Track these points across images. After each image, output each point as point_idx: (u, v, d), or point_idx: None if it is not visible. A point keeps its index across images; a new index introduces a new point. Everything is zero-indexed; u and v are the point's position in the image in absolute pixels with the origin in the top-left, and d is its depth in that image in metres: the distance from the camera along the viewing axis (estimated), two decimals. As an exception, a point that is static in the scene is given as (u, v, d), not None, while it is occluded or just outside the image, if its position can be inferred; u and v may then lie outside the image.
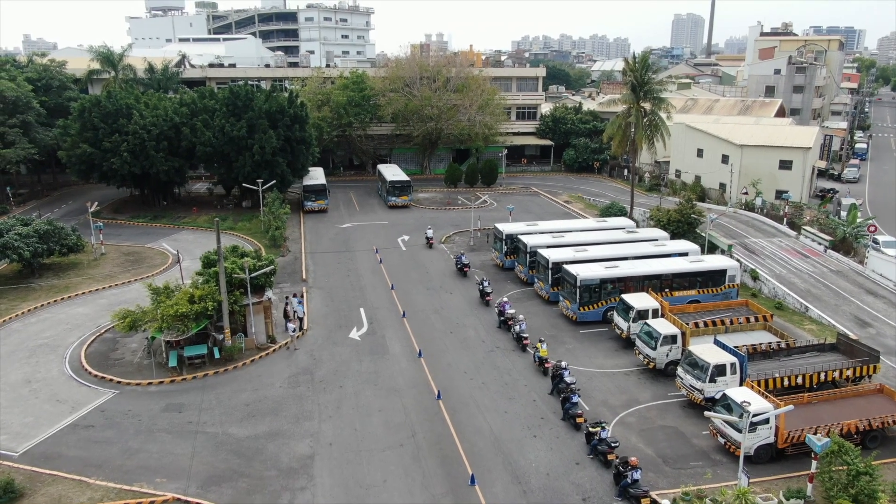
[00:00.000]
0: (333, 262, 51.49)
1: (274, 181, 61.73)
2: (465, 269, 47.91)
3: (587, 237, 47.78)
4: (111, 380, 32.63)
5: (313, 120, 72.85)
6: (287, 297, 41.21)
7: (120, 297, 43.38)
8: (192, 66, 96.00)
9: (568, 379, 30.63)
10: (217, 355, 34.50)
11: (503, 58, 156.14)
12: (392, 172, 73.19)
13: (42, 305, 42.35)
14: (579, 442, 27.54)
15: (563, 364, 31.66)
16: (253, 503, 23.81)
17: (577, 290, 38.82)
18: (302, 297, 41.89)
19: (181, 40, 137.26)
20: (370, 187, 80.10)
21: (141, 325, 33.43)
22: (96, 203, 59.49)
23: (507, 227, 49.93)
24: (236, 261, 35.99)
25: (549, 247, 44.71)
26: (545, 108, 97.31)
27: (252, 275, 35.24)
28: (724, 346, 30.88)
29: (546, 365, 33.43)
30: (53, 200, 73.15)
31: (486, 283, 43.35)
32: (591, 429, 26.90)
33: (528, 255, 45.50)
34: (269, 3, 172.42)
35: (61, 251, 48.23)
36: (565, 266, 40.58)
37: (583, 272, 39.25)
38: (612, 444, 25.98)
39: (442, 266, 50.53)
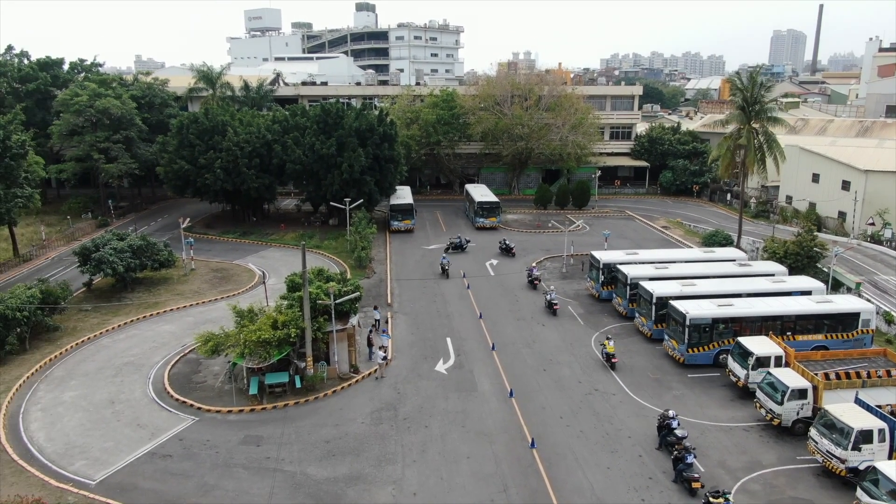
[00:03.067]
0: (419, 287, 49.57)
1: (361, 200, 60.83)
2: (536, 282, 45.47)
3: (693, 269, 43.78)
4: (192, 405, 31.62)
5: (402, 138, 71.86)
6: (372, 326, 39.51)
7: (206, 314, 42.96)
8: (286, 84, 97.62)
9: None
10: (298, 384, 32.99)
11: (595, 76, 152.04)
12: (480, 193, 71.07)
13: (132, 321, 42.42)
14: (695, 510, 24.07)
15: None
16: (330, 558, 21.73)
17: (686, 330, 35.13)
18: (387, 324, 39.95)
19: (276, 59, 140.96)
20: (457, 207, 78.23)
21: (223, 350, 32.37)
22: (188, 219, 60.25)
23: (604, 256, 46.59)
24: (321, 285, 34.49)
25: (651, 279, 41.15)
26: (640, 127, 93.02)
27: (337, 301, 33.65)
28: (867, 406, 26.60)
29: (613, 360, 34.92)
30: (150, 214, 75.19)
31: (553, 294, 43.20)
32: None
33: (628, 287, 42.05)
34: (361, 23, 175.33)
35: (153, 266, 48.61)
36: (672, 302, 36.96)
37: (693, 310, 35.53)
38: None
39: (532, 295, 47.65)
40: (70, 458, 27.50)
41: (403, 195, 69.70)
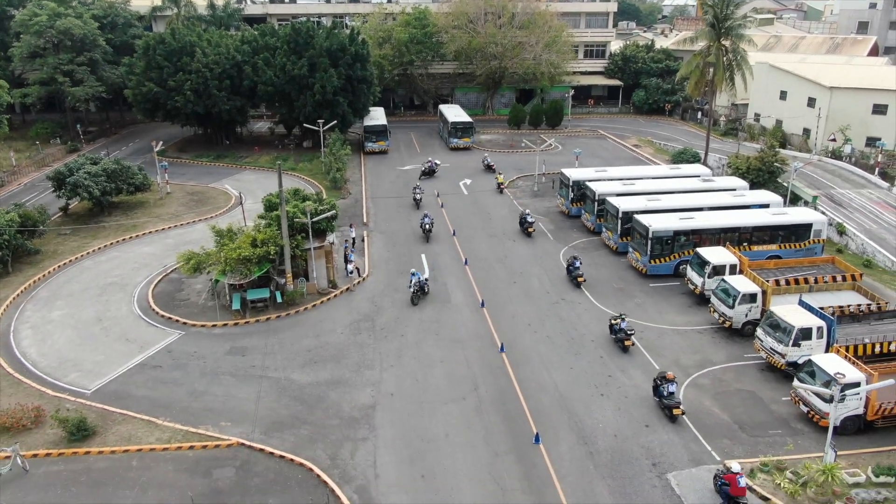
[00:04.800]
0: (394, 206, 50.66)
1: (335, 121, 60.82)
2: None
3: (659, 185, 45.29)
4: (177, 321, 33.01)
5: (375, 58, 71.07)
6: (346, 241, 40.73)
7: (185, 236, 43.80)
8: (254, 2, 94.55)
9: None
10: (279, 299, 34.45)
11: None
12: (454, 113, 71.19)
13: (112, 244, 43.17)
14: (649, 403, 26.36)
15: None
16: (314, 451, 23.72)
17: (649, 242, 36.92)
18: (354, 245, 40.96)
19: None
20: (431, 128, 78.33)
21: (205, 268, 33.51)
22: (161, 142, 59.96)
23: (574, 173, 47.87)
24: (298, 205, 35.49)
25: (618, 195, 42.63)
26: (615, 45, 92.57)
27: (314, 219, 34.73)
28: (809, 308, 28.81)
29: (503, 187, 47.22)
30: (121, 139, 74.34)
31: (528, 215, 44.42)
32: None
33: (595, 203, 43.57)
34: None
35: (129, 190, 48.90)
36: (636, 216, 38.57)
37: (655, 223, 37.21)
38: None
39: (505, 212, 49.06)
40: (64, 370, 28.95)
41: (377, 116, 69.64)
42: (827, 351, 27.23)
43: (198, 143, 70.34)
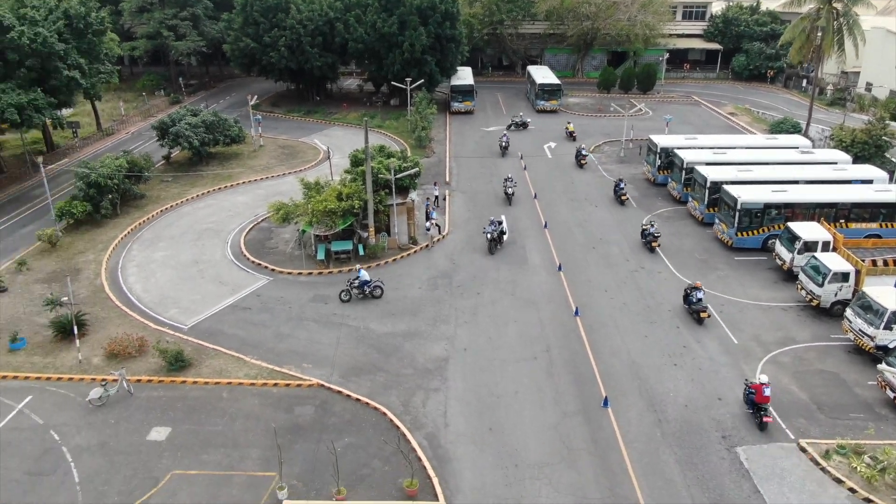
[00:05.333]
0: (477, 167, 50.93)
1: (422, 80, 61.23)
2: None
3: (753, 156, 43.48)
4: (266, 267, 34.83)
5: (464, 17, 70.68)
6: (428, 199, 41.44)
7: (275, 188, 45.71)
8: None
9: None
10: (361, 252, 35.69)
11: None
12: (542, 75, 70.10)
13: (208, 192, 45.65)
14: (723, 376, 26.03)
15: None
16: (388, 398, 24.85)
17: (737, 214, 35.72)
18: (436, 204, 41.61)
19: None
20: (518, 89, 77.53)
21: (293, 218, 35.07)
22: (256, 96, 62.21)
23: (662, 140, 46.59)
24: (382, 161, 36.38)
25: (708, 164, 41.28)
26: (716, 6, 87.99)
27: (397, 176, 35.55)
28: (906, 290, 27.37)
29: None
30: (219, 92, 77.54)
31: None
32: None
33: (683, 172, 42.39)
34: None
35: (225, 142, 51.27)
36: (725, 186, 37.33)
37: (745, 194, 35.91)
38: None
39: (588, 177, 48.48)
40: (164, 306, 31.28)
41: (464, 76, 69.53)
42: (922, 336, 25.93)
43: (290, 98, 72.53)
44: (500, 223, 37.01)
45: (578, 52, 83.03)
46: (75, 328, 27.55)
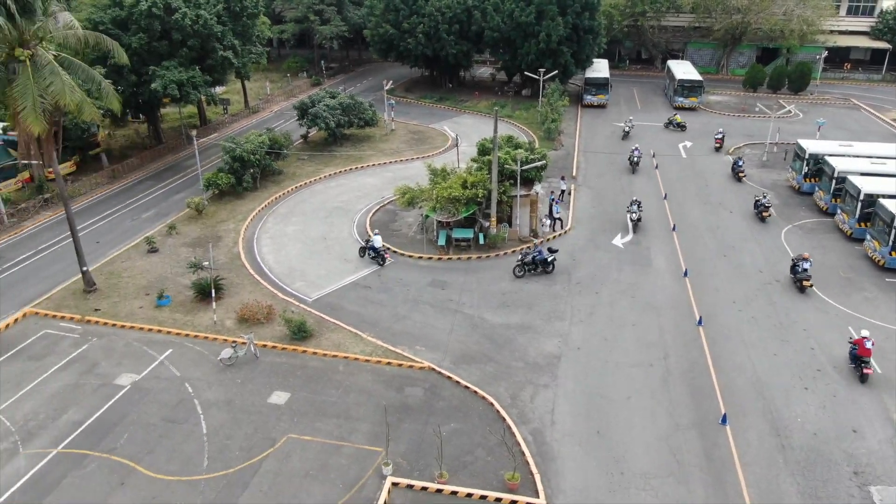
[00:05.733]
0: (606, 162, 49.61)
1: (556, 71, 60.34)
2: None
3: (918, 168, 39.36)
4: (388, 248, 35.80)
5: (604, 8, 68.81)
6: (552, 192, 40.85)
7: (403, 171, 46.85)
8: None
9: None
10: (482, 241, 35.85)
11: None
12: (683, 70, 66.97)
13: (340, 172, 47.56)
14: (861, 406, 23.88)
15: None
16: (497, 388, 24.89)
17: (893, 231, 32.52)
18: (561, 198, 40.95)
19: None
20: (656, 84, 74.64)
21: (418, 203, 35.79)
22: (391, 81, 63.89)
23: (812, 145, 43.17)
24: (510, 152, 36.24)
25: (862, 174, 37.85)
26: (888, 1, 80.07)
27: (523, 167, 35.31)
28: None
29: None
30: (357, 76, 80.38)
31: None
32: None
33: (833, 181, 39.10)
34: None
35: (359, 124, 53.11)
36: (882, 200, 34.02)
37: (905, 210, 32.63)
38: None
39: (723, 180, 45.90)
40: (292, 278, 33.02)
41: (600, 68, 67.80)
42: None
43: (423, 84, 73.92)
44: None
45: (724, 47, 78.56)
46: (213, 291, 29.71)
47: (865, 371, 24.69)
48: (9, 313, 29.84)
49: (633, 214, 38.31)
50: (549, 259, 32.79)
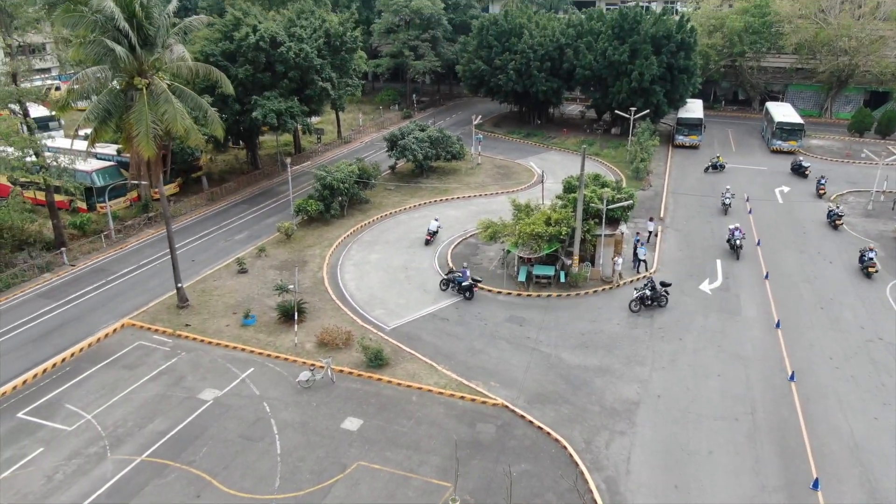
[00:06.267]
0: (696, 205, 48.14)
1: (647, 110, 59.43)
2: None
3: None
4: (478, 281, 35.48)
5: (701, 47, 67.45)
6: (638, 234, 39.91)
7: (487, 206, 47.04)
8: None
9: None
10: (563, 279, 35.36)
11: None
12: (782, 112, 64.49)
13: (425, 203, 48.29)
14: (976, 484, 21.74)
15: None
16: (571, 431, 24.24)
17: None
18: (647, 240, 39.98)
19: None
20: (752, 126, 72.18)
21: (500, 237, 35.77)
22: (480, 116, 64.68)
23: (924, 195, 40.45)
24: (596, 190, 35.78)
25: (983, 229, 35.03)
26: None
27: (609, 207, 34.75)
28: None
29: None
30: (447, 110, 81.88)
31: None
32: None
33: (948, 235, 36.39)
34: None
35: (446, 157, 53.94)
36: None
37: None
38: None
39: (823, 228, 43.53)
40: (372, 306, 33.57)
41: (693, 108, 66.28)
42: None
43: (512, 119, 74.43)
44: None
45: (829, 89, 75.21)
46: (296, 314, 30.59)
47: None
48: (109, 323, 31.73)
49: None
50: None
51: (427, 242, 39.99)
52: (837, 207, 43.59)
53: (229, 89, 32.94)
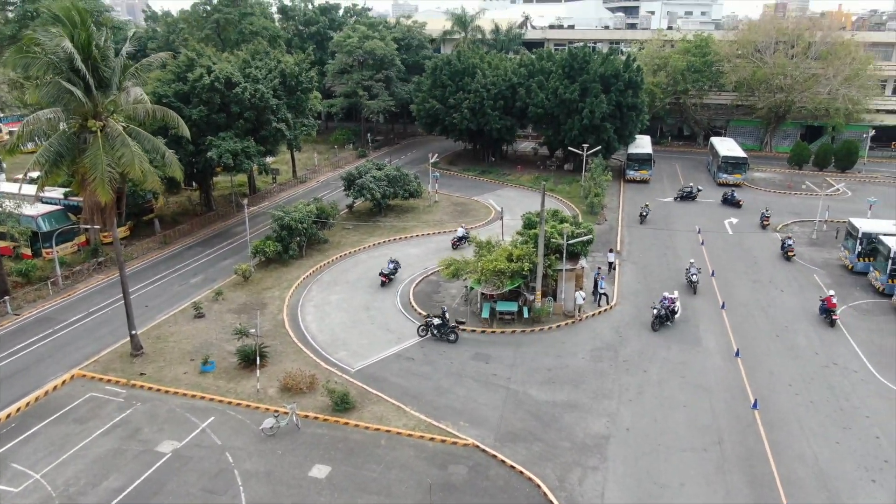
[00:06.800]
0: (650, 237, 49.22)
1: (599, 147, 60.90)
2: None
3: (980, 250, 38.04)
4: (460, 323, 34.94)
5: (647, 86, 69.82)
6: (598, 268, 40.46)
7: (446, 243, 47.08)
8: (534, 27, 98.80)
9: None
10: (526, 315, 35.43)
11: (884, 19, 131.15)
12: (727, 147, 67.00)
13: (384, 242, 48.07)
14: (937, 504, 22.31)
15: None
16: (543, 469, 24.01)
17: (958, 315, 31.27)
18: (608, 272, 40.62)
19: (525, 1, 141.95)
20: (698, 160, 74.72)
21: (462, 275, 35.75)
22: (436, 154, 65.21)
23: (864, 224, 42.26)
24: (556, 226, 36.25)
25: (922, 255, 36.73)
26: (937, 83, 79.60)
27: (569, 241, 35.19)
28: None
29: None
30: (402, 148, 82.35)
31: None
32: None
33: (890, 262, 37.96)
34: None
35: (403, 195, 53.99)
36: (944, 282, 32.96)
37: (970, 294, 31.45)
38: None
39: (773, 258, 44.96)
40: (335, 348, 32.95)
41: (642, 144, 68.28)
42: None
43: (466, 157, 75.27)
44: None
45: (768, 124, 78.62)
46: (258, 359, 29.77)
47: (834, 318, 27.31)
48: (57, 375, 30.28)
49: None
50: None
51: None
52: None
53: (185, 132, 32.38)
